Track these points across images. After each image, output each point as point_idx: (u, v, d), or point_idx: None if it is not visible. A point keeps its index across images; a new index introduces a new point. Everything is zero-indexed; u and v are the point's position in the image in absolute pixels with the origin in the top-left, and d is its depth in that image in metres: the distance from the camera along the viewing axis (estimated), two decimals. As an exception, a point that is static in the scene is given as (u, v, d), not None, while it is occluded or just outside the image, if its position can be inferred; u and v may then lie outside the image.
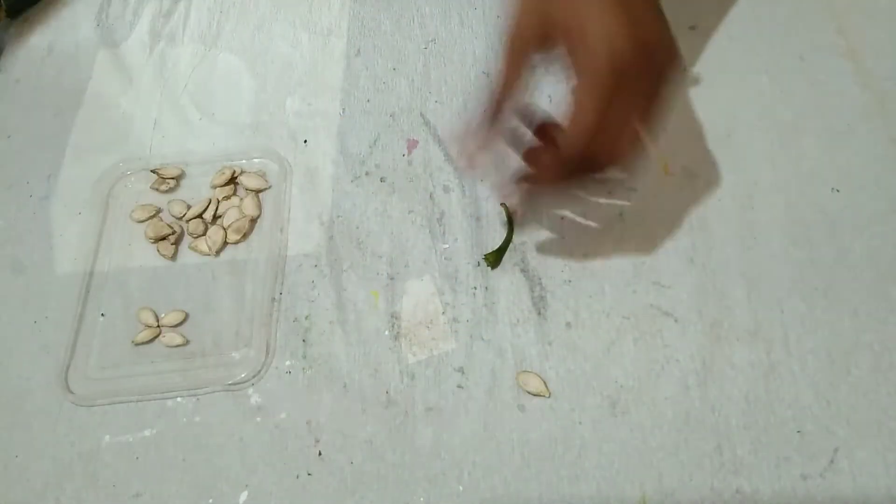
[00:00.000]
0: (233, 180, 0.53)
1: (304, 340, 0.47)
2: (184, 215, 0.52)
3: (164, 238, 0.51)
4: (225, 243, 0.50)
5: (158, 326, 0.47)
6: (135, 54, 0.62)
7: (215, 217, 0.52)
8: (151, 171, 0.53)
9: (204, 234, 0.51)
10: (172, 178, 0.53)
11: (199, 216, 0.51)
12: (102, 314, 0.48)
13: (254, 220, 0.51)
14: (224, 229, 0.51)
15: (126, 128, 0.57)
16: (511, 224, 0.49)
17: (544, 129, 0.43)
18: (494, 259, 0.48)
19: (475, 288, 0.48)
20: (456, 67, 0.58)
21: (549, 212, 0.51)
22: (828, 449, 0.42)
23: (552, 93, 0.54)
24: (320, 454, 0.43)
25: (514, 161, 0.44)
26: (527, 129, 0.44)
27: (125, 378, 0.46)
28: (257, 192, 0.52)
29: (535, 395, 0.44)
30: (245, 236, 0.51)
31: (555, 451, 0.43)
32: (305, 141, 0.55)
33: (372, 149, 0.55)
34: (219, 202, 0.52)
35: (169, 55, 0.61)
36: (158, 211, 0.52)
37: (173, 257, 0.50)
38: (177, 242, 0.51)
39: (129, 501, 0.42)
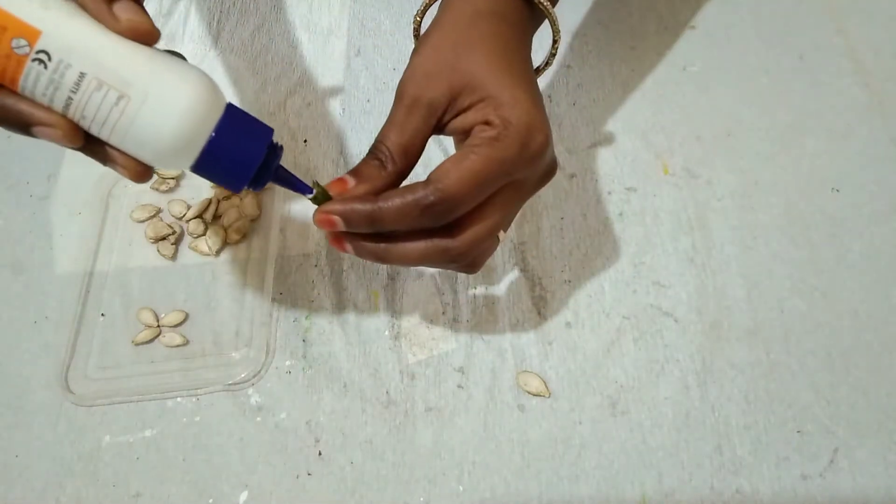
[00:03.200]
0: (233, 180, 0.53)
1: (304, 340, 0.47)
2: (184, 215, 0.52)
3: (164, 238, 0.51)
4: (225, 243, 0.50)
5: (158, 326, 0.47)
6: (135, 54, 0.62)
7: (215, 217, 0.52)
8: (151, 171, 0.53)
9: (204, 234, 0.51)
10: (172, 178, 0.53)
11: (199, 216, 0.51)
12: (102, 314, 0.48)
13: (254, 220, 0.51)
14: (224, 229, 0.51)
15: (126, 128, 0.57)
16: None
17: None
18: None
19: (475, 288, 0.48)
20: (456, 67, 0.58)
21: (548, 212, 0.51)
22: (828, 449, 0.42)
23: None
24: (320, 454, 0.43)
25: None
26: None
27: (125, 378, 0.46)
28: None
29: (535, 395, 0.44)
30: (245, 236, 0.51)
31: (555, 451, 0.43)
32: (305, 141, 0.55)
33: (372, 149, 0.55)
34: (219, 202, 0.52)
35: (169, 55, 0.61)
36: (158, 211, 0.52)
37: (173, 257, 0.50)
38: (177, 242, 0.51)
39: (129, 501, 0.42)
